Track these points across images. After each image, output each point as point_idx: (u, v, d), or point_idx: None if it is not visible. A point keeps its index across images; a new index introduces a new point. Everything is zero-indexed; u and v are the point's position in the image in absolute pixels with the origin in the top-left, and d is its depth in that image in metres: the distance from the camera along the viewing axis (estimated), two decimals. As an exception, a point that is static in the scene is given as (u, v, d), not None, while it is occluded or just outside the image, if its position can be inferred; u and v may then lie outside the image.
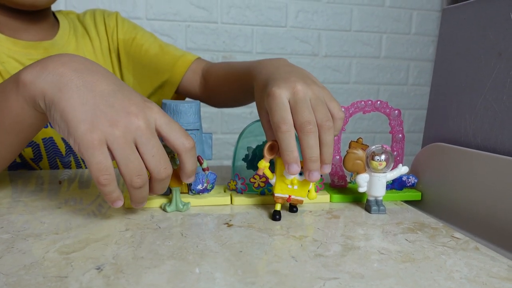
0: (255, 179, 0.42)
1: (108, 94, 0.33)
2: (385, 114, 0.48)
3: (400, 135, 0.48)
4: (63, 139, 0.66)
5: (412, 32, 1.49)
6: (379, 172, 0.40)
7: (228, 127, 1.34)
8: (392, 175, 0.41)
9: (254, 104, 1.44)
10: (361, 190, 0.41)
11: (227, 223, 0.37)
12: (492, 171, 0.37)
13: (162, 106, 0.43)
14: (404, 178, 0.47)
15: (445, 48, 0.48)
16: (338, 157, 0.47)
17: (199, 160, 0.40)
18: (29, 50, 0.62)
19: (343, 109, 0.44)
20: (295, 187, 0.38)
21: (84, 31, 0.70)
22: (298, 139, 0.36)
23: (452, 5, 0.47)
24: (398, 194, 0.46)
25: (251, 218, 0.38)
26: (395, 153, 0.48)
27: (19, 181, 0.51)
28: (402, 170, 0.41)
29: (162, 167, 0.34)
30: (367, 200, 0.42)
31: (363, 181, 0.41)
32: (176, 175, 0.39)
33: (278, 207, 0.38)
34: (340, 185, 0.47)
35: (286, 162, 0.35)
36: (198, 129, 0.44)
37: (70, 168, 0.67)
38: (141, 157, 0.33)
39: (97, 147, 0.31)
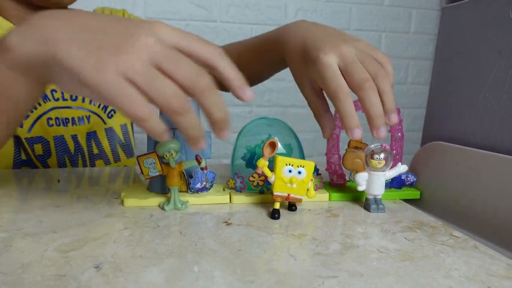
0: (254, 177, 0.42)
1: (102, 24, 0.28)
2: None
3: (399, 134, 0.48)
4: (72, 138, 0.66)
5: (412, 31, 1.49)
6: (378, 171, 0.40)
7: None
8: (391, 173, 0.41)
9: (252, 102, 1.43)
10: (360, 188, 0.41)
11: (226, 222, 0.37)
12: (492, 169, 0.37)
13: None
14: (403, 177, 0.46)
15: (445, 46, 0.48)
16: (337, 155, 0.47)
17: (197, 159, 0.40)
18: None
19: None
20: (294, 185, 0.38)
21: None
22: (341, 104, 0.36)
23: (451, 4, 0.46)
24: (397, 192, 0.46)
25: (250, 216, 0.38)
26: (394, 152, 0.48)
27: (17, 180, 0.50)
28: (401, 168, 0.41)
29: (198, 76, 0.28)
30: (366, 199, 0.42)
31: (362, 180, 0.41)
32: (174, 174, 0.39)
33: (277, 205, 0.38)
34: (339, 184, 0.47)
35: (349, 128, 0.35)
36: (197, 128, 0.44)
37: (78, 166, 0.67)
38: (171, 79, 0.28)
39: (114, 82, 0.26)
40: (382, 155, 0.39)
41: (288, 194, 0.38)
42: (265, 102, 1.35)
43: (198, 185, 0.42)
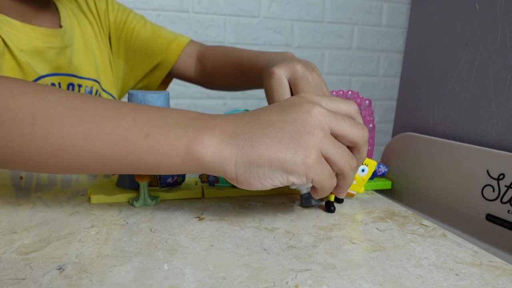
0: (227, 171, 0.41)
1: (279, 127, 0.30)
2: (356, 104, 0.48)
3: (370, 125, 0.49)
4: None
5: (383, 24, 1.52)
6: None
7: (201, 119, 1.33)
8: None
9: (226, 94, 1.42)
10: (292, 187, 0.39)
11: (198, 217, 0.36)
12: (458, 159, 0.38)
13: (129, 96, 0.41)
14: (375, 168, 0.47)
15: (414, 39, 0.48)
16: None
17: (169, 153, 0.38)
18: (49, 38, 0.60)
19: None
20: (354, 182, 0.38)
21: (82, 14, 0.68)
22: None
23: (421, -4, 0.47)
24: (369, 183, 0.46)
25: (223, 211, 0.38)
26: (366, 143, 0.48)
27: (-26, 178, 0.47)
28: None
29: (351, 159, 0.31)
30: (302, 195, 0.40)
31: None
32: (145, 168, 0.38)
33: (332, 198, 0.39)
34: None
35: None
36: (167, 121, 0.42)
37: None
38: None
39: (319, 163, 0.29)
40: None
41: None
42: (240, 94, 1.34)
43: (169, 180, 0.40)
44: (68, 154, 0.30)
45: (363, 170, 0.39)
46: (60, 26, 0.63)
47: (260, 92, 1.36)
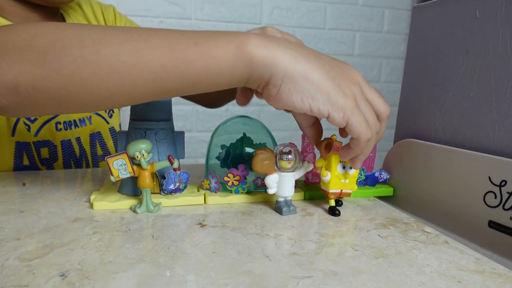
0: (229, 177, 0.42)
1: (327, 61, 0.32)
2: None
3: (372, 132, 0.49)
4: (77, 141, 0.65)
5: (384, 30, 1.52)
6: (288, 171, 0.39)
7: (203, 125, 1.33)
8: (300, 173, 0.40)
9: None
10: (271, 192, 0.39)
11: (200, 224, 0.36)
12: (460, 166, 0.38)
13: (132, 103, 0.42)
14: (376, 174, 0.47)
15: (415, 45, 0.48)
16: (311, 154, 0.47)
17: (170, 160, 0.39)
18: None
19: None
20: (347, 181, 0.39)
21: (86, 21, 0.69)
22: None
23: (421, 3, 0.47)
24: (371, 190, 0.46)
25: (225, 217, 0.38)
26: (368, 149, 0.48)
27: (-22, 184, 0.48)
28: (307, 167, 0.40)
29: (386, 106, 0.34)
30: (277, 202, 0.40)
31: (273, 182, 0.38)
32: (146, 175, 0.38)
33: (332, 203, 0.40)
34: (314, 182, 0.47)
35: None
36: (170, 127, 0.42)
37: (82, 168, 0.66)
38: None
39: (357, 109, 0.31)
40: (290, 156, 0.38)
41: (341, 190, 0.39)
42: (242, 100, 1.35)
43: (171, 186, 0.41)
44: (118, 72, 0.30)
45: (351, 168, 0.39)
46: None
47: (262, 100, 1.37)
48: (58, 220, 0.36)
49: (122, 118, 0.79)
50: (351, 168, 0.39)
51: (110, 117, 0.70)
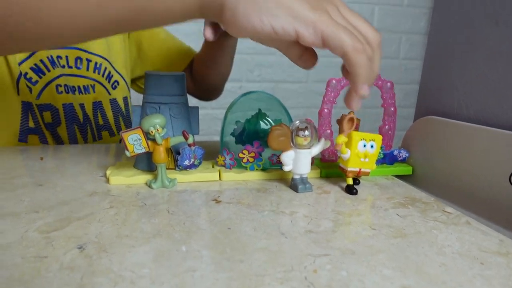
0: (244, 154, 0.41)
1: None
2: (377, 87, 0.46)
3: (392, 108, 0.47)
4: (81, 107, 0.65)
5: (405, 3, 1.46)
6: (304, 148, 0.38)
7: (217, 102, 1.32)
8: (316, 150, 0.39)
9: (242, 77, 1.40)
10: (286, 168, 0.38)
11: (216, 200, 0.36)
12: (484, 144, 0.37)
13: (145, 77, 0.41)
14: (395, 153, 0.46)
15: (440, 18, 0.46)
16: (328, 131, 0.45)
17: (184, 135, 0.38)
18: None
19: (334, 81, 0.43)
20: (367, 159, 0.38)
21: None
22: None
23: (449, -28, 0.45)
24: (389, 168, 0.45)
25: (240, 194, 0.37)
26: (386, 127, 0.47)
27: (-2, 158, 0.48)
28: (325, 144, 0.39)
29: (375, 32, 0.29)
30: (293, 179, 0.39)
31: (288, 159, 0.38)
32: (160, 150, 0.38)
33: (350, 181, 0.39)
34: (330, 160, 0.46)
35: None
36: (184, 102, 0.42)
37: (87, 136, 0.66)
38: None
39: (332, 20, 0.27)
40: (307, 132, 0.37)
41: (360, 169, 0.39)
42: (256, 77, 1.33)
43: (186, 162, 0.40)
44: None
45: (372, 146, 0.38)
46: None
47: (277, 75, 1.34)
48: (75, 194, 0.36)
49: (134, 94, 0.79)
50: (372, 146, 0.37)
51: (114, 88, 0.70)
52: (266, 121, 0.44)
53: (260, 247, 0.27)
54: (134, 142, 0.37)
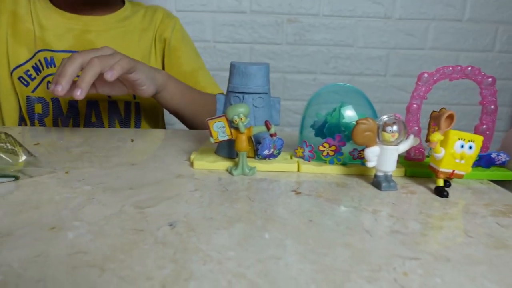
0: (324, 147, 0.40)
1: None
2: (476, 82, 0.42)
3: (492, 106, 0.42)
4: (69, 102, 0.72)
5: (505, -10, 1.30)
6: (391, 145, 0.36)
7: (290, 94, 1.31)
8: (404, 147, 0.36)
9: (317, 69, 1.38)
10: (370, 165, 0.36)
11: (295, 191, 0.36)
12: None
13: (231, 67, 0.42)
14: (493, 155, 0.41)
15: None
16: (416, 128, 0.43)
17: (267, 125, 0.39)
18: (71, 20, 0.69)
19: (426, 75, 0.40)
20: (462, 161, 0.35)
21: (140, 22, 0.75)
22: None
23: None
24: (485, 172, 0.41)
25: (320, 187, 0.37)
26: (484, 126, 0.43)
27: (93, 138, 0.54)
28: (414, 141, 0.37)
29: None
30: (376, 176, 0.37)
31: (373, 155, 0.36)
32: (243, 138, 0.38)
33: (440, 182, 0.36)
34: (416, 159, 0.43)
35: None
36: (266, 93, 0.42)
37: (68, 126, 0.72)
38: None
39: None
40: (395, 127, 0.35)
41: (453, 171, 0.36)
42: (330, 69, 1.29)
43: (266, 152, 0.41)
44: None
45: (470, 148, 0.35)
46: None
47: (354, 68, 1.29)
48: (163, 175, 0.39)
49: (223, 82, 0.82)
50: (470, 148, 0.34)
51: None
52: (348, 115, 0.42)
53: (344, 243, 0.26)
54: (219, 129, 0.39)
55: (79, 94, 0.45)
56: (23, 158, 0.37)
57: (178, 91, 0.63)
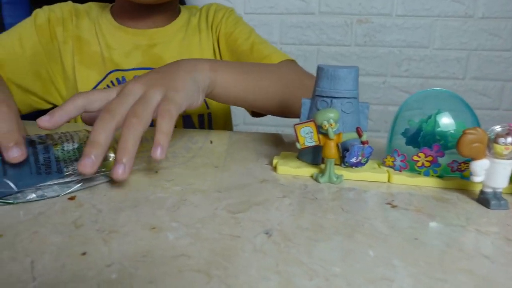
0: (419, 157, 0.37)
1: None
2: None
3: None
4: None
5: None
6: (504, 159, 0.32)
7: (360, 97, 1.27)
8: None
9: (387, 72, 1.31)
10: (477, 180, 0.33)
11: (390, 204, 0.33)
12: None
13: (318, 70, 0.41)
14: None
15: None
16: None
17: (359, 132, 0.37)
18: (136, 36, 0.70)
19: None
20: None
21: (197, 24, 0.74)
22: None
23: None
24: None
25: (416, 201, 0.34)
26: None
27: (174, 139, 0.55)
28: None
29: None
30: (483, 192, 0.34)
31: (480, 169, 0.32)
32: (332, 145, 0.37)
33: None
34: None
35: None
36: (355, 98, 0.40)
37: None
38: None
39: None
40: (509, 139, 0.31)
41: None
42: (402, 72, 1.22)
43: (353, 160, 0.39)
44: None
45: None
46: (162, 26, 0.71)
47: (428, 70, 1.21)
48: (248, 179, 0.38)
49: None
50: None
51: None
52: (445, 123, 0.39)
53: (462, 268, 0.23)
54: (306, 134, 0.37)
55: (121, 174, 0.32)
56: (111, 157, 0.38)
57: (231, 77, 0.50)
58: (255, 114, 0.70)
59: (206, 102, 0.74)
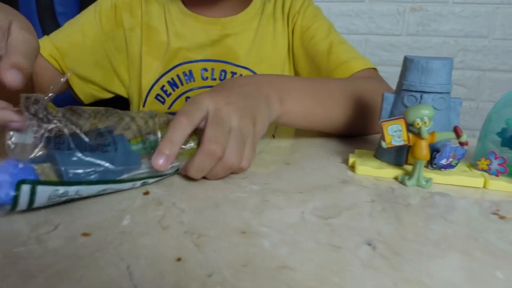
0: (524, 161, 0.33)
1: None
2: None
3: None
4: None
5: None
6: None
7: (491, 95, 1.21)
8: None
9: None
10: None
11: (496, 214, 0.30)
12: None
13: (406, 61, 0.37)
14: None
15: None
16: None
17: (457, 132, 0.33)
18: (208, 25, 0.64)
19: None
20: None
21: (272, 12, 0.67)
22: None
23: None
24: None
25: (525, 211, 0.30)
26: None
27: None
28: None
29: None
30: None
31: None
32: (423, 145, 0.33)
33: None
34: None
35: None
36: (448, 93, 0.36)
37: None
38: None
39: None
40: None
41: None
42: (457, 63, 1.15)
43: (444, 161, 0.35)
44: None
45: None
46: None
47: (486, 62, 1.13)
48: (326, 179, 0.36)
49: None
50: None
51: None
52: (551, 123, 0.34)
53: None
54: (394, 133, 0.34)
55: (161, 164, 0.31)
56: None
57: (300, 110, 0.44)
58: None
59: None
